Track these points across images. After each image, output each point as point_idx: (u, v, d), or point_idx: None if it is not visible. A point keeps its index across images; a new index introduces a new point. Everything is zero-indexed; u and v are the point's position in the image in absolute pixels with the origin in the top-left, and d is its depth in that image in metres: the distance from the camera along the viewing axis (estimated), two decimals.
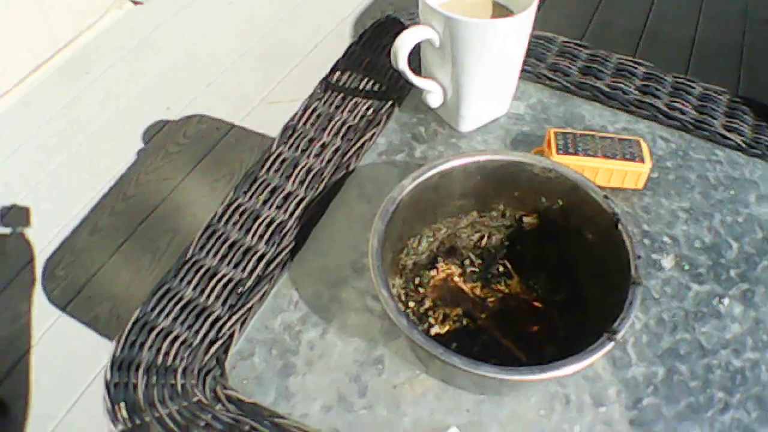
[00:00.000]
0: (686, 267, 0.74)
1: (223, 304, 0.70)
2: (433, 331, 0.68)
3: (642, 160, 0.77)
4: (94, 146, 1.97)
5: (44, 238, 1.77)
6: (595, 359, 0.54)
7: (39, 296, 1.67)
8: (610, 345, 0.55)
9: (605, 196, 0.64)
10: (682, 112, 0.88)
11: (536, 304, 0.69)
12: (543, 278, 0.70)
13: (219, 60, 2.22)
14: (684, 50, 2.24)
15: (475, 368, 0.53)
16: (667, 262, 0.74)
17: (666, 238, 0.76)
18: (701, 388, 0.65)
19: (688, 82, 0.92)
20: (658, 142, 0.85)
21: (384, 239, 0.61)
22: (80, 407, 1.50)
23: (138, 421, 0.62)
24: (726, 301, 0.71)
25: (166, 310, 0.70)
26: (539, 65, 0.92)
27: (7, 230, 1.79)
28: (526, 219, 0.71)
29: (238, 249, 0.74)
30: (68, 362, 1.57)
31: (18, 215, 1.81)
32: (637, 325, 0.69)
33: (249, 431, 0.62)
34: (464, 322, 0.68)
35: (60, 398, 1.51)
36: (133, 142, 1.98)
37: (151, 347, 0.67)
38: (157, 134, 2.00)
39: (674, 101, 0.89)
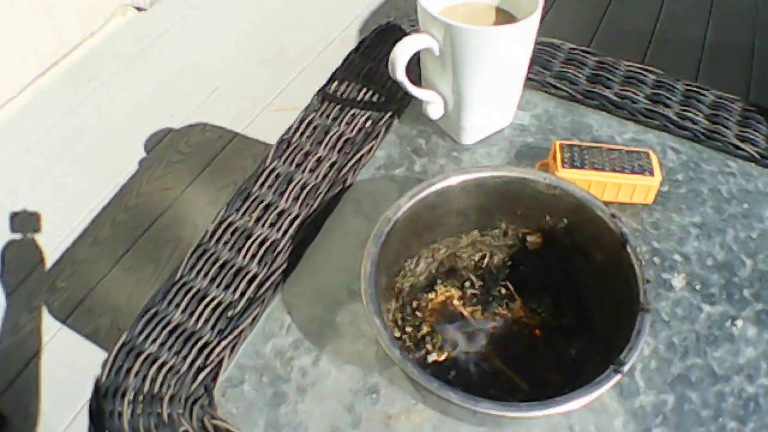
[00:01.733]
0: (698, 287, 0.70)
1: (213, 328, 0.67)
2: (431, 358, 0.64)
3: (651, 173, 0.74)
4: (95, 155, 1.95)
5: (45, 249, 1.75)
6: (600, 393, 0.51)
7: (39, 308, 1.65)
8: (617, 378, 0.51)
9: (612, 215, 0.61)
10: (693, 122, 0.84)
11: (537, 332, 0.66)
12: (548, 302, 0.67)
13: (222, 68, 2.20)
14: (694, 53, 2.21)
15: (474, 404, 0.50)
16: (678, 281, 0.70)
17: (677, 256, 0.72)
18: (713, 418, 0.62)
19: (700, 90, 0.88)
20: (668, 153, 0.82)
21: (378, 262, 0.58)
22: (80, 420, 1.48)
23: None
24: (739, 323, 0.68)
25: (153, 335, 0.67)
26: (545, 73, 0.89)
27: (7, 240, 1.77)
28: (529, 238, 0.68)
29: (229, 270, 0.71)
30: (69, 375, 1.54)
31: (19, 226, 1.79)
32: (646, 351, 0.65)
33: None
34: (465, 350, 0.65)
35: (60, 411, 1.49)
36: (135, 152, 1.95)
37: (137, 374, 0.65)
38: (160, 143, 1.97)
39: (685, 110, 0.85)
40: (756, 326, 0.67)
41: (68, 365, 1.56)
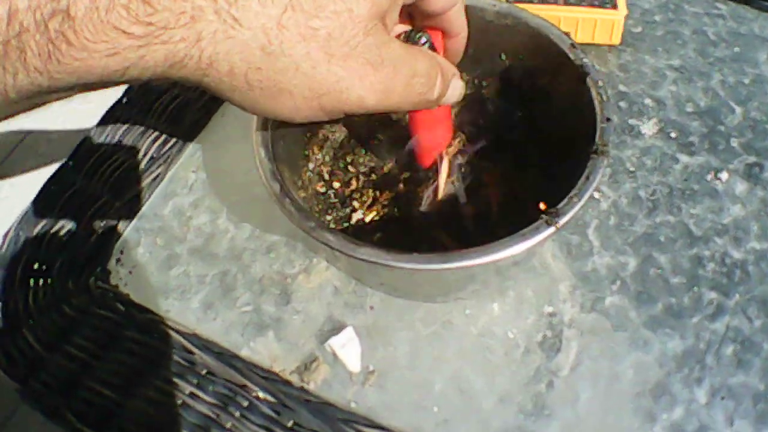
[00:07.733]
0: (673, 134, 0.57)
1: (111, 189, 0.57)
2: (355, 216, 0.52)
3: (614, 6, 0.60)
4: None
5: None
6: (520, 251, 0.37)
7: None
8: (548, 231, 0.38)
9: (573, 45, 0.47)
10: None
11: (489, 191, 0.53)
12: (508, 157, 0.54)
13: None
14: None
15: (353, 250, 0.39)
16: (648, 128, 0.57)
17: (648, 101, 0.59)
18: (686, 286, 0.49)
19: None
20: None
21: None
22: None
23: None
24: (724, 175, 0.55)
25: (53, 201, 0.58)
26: None
27: None
28: (485, 84, 0.55)
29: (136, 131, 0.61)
30: None
31: None
32: (603, 205, 0.53)
33: (120, 329, 0.50)
34: (396, 210, 0.53)
35: None
36: None
37: (33, 242, 0.56)
38: None
39: None
40: (746, 181, 0.54)
41: None
